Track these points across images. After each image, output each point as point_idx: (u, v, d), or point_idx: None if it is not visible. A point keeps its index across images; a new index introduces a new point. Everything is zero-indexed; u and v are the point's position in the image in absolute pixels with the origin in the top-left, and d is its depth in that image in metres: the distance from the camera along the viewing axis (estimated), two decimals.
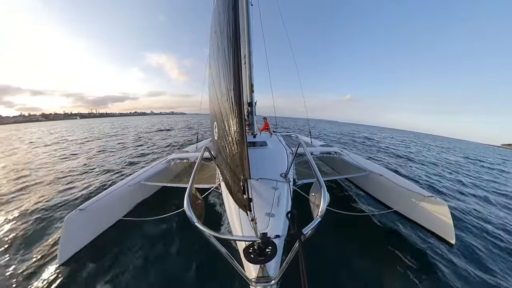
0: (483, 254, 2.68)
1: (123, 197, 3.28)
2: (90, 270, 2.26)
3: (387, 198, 3.46)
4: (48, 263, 2.39)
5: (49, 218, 3.41)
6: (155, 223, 3.01)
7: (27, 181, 5.35)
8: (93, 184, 5.02)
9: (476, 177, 7.73)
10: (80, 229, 2.56)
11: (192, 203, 1.33)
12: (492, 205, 4.72)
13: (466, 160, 12.56)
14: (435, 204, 2.74)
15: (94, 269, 2.28)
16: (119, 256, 2.47)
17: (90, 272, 2.24)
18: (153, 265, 2.36)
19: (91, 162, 7.26)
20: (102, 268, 2.29)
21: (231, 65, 1.47)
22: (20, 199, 4.23)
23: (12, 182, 5.31)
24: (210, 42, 2.69)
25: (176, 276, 2.21)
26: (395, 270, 2.28)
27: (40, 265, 2.37)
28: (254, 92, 4.81)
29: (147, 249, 2.60)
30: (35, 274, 2.25)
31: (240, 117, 1.39)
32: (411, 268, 2.30)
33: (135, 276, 2.21)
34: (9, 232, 3.03)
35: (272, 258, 1.10)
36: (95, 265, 2.33)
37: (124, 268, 2.30)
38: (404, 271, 2.26)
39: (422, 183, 5.99)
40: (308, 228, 1.13)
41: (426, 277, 2.20)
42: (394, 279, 2.18)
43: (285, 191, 2.00)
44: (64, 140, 13.80)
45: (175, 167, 4.76)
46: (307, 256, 0.88)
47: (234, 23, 1.47)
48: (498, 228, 3.43)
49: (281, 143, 4.09)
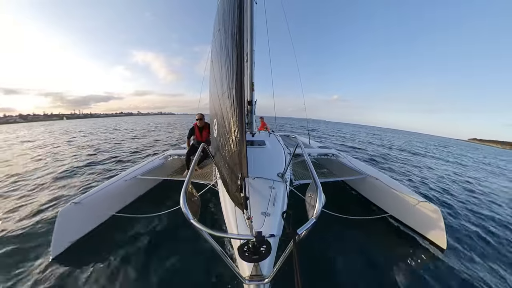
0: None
1: (119, 192, 3.27)
2: (83, 264, 2.24)
3: (383, 201, 3.50)
4: (41, 256, 2.36)
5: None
6: (151, 219, 3.00)
7: None
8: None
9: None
10: (74, 222, 2.54)
11: (189, 200, 1.33)
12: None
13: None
14: (429, 209, 2.78)
15: (87, 264, 2.26)
16: (112, 251, 2.46)
17: (83, 266, 2.22)
18: (147, 261, 2.35)
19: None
20: (95, 263, 2.28)
21: (233, 64, 1.47)
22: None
23: None
24: (213, 39, 2.68)
25: (170, 272, 2.20)
26: (386, 273, 2.31)
27: (33, 257, 2.34)
28: (254, 91, 4.80)
29: (141, 245, 2.59)
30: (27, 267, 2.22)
31: (240, 116, 1.39)
32: (403, 272, 2.33)
33: (128, 271, 2.20)
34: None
35: (266, 257, 1.11)
36: (89, 260, 2.31)
37: (117, 263, 2.29)
38: (396, 275, 2.29)
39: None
40: (303, 229, 1.14)
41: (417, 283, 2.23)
42: (385, 282, 2.21)
43: (282, 191, 2.01)
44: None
45: (172, 163, 4.75)
46: (301, 256, 0.89)
47: (239, 22, 1.47)
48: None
49: (280, 143, 4.10)
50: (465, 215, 3.98)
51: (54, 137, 15.03)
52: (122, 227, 2.87)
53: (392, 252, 2.66)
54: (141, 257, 2.40)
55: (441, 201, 4.64)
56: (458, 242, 2.96)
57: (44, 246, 2.50)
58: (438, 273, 2.34)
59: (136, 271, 2.20)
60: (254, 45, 4.70)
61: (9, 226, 2.92)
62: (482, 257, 2.71)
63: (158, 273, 2.19)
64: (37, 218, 3.15)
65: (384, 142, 19.04)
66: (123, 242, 2.62)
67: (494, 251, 2.88)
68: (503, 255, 2.81)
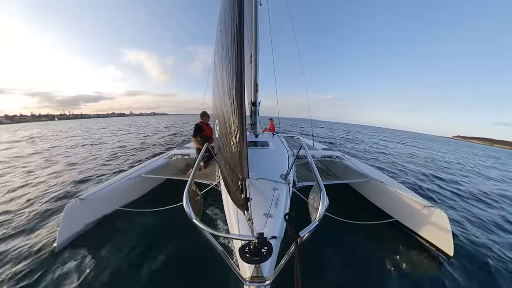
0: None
1: (123, 189, 3.32)
2: (88, 257, 2.29)
3: (387, 205, 3.43)
4: (46, 248, 2.43)
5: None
6: (153, 216, 3.03)
7: None
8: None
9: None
10: (79, 217, 2.60)
11: (191, 199, 1.34)
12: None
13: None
14: (435, 214, 2.70)
15: (91, 256, 2.31)
16: (115, 245, 2.50)
17: (87, 259, 2.27)
18: (149, 257, 2.37)
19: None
20: (99, 256, 2.32)
21: (233, 63, 1.46)
22: None
23: None
24: (216, 40, 2.70)
25: (170, 271, 2.21)
26: (390, 280, 2.26)
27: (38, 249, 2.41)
28: (258, 92, 4.80)
29: (143, 241, 2.62)
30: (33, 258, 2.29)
31: (241, 116, 1.39)
32: (407, 279, 2.28)
33: (130, 265, 2.23)
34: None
35: (267, 259, 1.10)
36: (93, 253, 2.36)
37: (119, 258, 2.32)
38: (400, 282, 2.24)
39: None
40: (305, 231, 1.12)
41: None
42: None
43: (284, 193, 1.99)
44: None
45: (176, 163, 4.79)
46: (303, 259, 0.88)
47: (238, 20, 1.45)
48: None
49: (283, 144, 4.08)
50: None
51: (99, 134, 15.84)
52: (125, 223, 2.91)
53: (396, 258, 2.60)
54: (142, 253, 2.42)
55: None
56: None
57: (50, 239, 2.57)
58: (444, 281, 2.28)
59: (136, 267, 2.22)
60: (258, 46, 4.71)
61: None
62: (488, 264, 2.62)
63: (159, 270, 2.20)
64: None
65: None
66: (126, 237, 2.66)
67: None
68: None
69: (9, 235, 2.70)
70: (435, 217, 2.69)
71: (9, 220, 3.05)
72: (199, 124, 4.06)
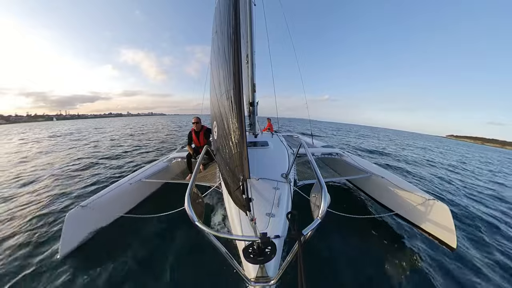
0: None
1: (124, 195, 3.30)
2: (90, 265, 2.28)
3: (389, 200, 3.44)
4: (49, 257, 2.41)
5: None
6: (156, 221, 3.02)
7: None
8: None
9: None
10: (81, 225, 2.59)
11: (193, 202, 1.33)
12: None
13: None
14: (437, 207, 2.71)
15: (94, 264, 2.29)
16: (118, 252, 2.49)
17: (90, 266, 2.26)
18: (153, 262, 2.36)
19: None
20: (101, 264, 2.31)
21: (231, 64, 1.46)
22: None
23: None
24: (212, 43, 2.70)
25: (175, 274, 2.21)
26: (394, 274, 2.27)
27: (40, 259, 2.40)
28: (256, 92, 4.81)
29: (146, 246, 2.61)
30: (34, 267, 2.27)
31: (240, 117, 1.39)
32: (411, 272, 2.28)
33: (134, 272, 2.22)
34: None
35: (271, 259, 1.10)
36: (95, 260, 2.35)
37: (123, 264, 2.31)
38: (404, 275, 2.24)
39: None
40: (308, 229, 1.13)
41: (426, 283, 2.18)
42: (393, 283, 2.16)
43: (286, 192, 1.99)
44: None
45: (177, 166, 4.78)
46: (307, 257, 0.88)
47: (234, 22, 1.46)
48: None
49: (283, 143, 4.09)
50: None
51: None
52: (128, 229, 2.89)
53: (399, 251, 2.61)
54: (145, 258, 2.41)
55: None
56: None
57: (53, 246, 2.56)
58: (447, 273, 2.29)
59: (140, 272, 2.22)
60: (254, 47, 4.71)
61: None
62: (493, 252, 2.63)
63: (163, 274, 2.20)
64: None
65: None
66: (128, 243, 2.65)
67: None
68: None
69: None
70: (436, 209, 2.70)
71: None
72: (191, 132, 4.26)
